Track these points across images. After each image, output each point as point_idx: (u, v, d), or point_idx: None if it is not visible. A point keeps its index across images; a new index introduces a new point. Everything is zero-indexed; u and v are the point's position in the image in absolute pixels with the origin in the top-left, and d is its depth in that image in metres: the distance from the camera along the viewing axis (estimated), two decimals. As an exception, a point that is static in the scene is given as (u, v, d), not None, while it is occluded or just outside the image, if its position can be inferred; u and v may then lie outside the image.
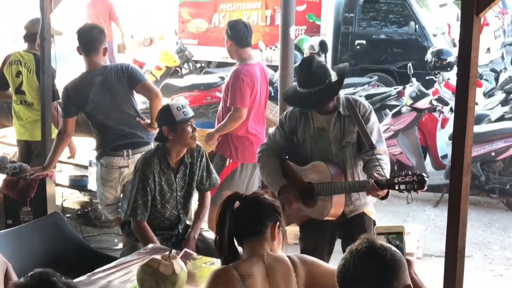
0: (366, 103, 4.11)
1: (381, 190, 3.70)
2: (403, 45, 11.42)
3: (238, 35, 5.26)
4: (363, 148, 3.97)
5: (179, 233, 4.34)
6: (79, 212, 6.60)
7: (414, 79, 7.55)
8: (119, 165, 4.98)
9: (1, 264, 3.20)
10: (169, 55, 12.45)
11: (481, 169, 6.82)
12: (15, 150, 6.60)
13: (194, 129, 4.16)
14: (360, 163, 4.02)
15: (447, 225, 3.07)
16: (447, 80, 7.50)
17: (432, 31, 11.25)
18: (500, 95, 8.28)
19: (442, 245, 3.26)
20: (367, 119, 3.97)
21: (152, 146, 5.00)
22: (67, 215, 6.19)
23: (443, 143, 7.49)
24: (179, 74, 12.48)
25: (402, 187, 3.65)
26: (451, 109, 7.26)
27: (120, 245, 5.46)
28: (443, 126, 7.54)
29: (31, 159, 5.91)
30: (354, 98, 4.09)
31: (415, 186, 3.63)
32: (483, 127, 7.11)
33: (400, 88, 8.81)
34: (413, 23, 11.22)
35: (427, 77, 8.19)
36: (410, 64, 7.80)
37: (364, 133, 3.90)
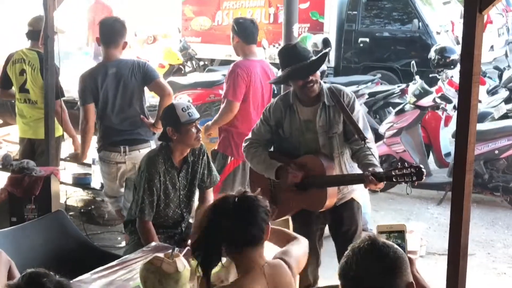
0: (349, 92, 4.11)
1: (379, 183, 3.70)
2: (406, 42, 11.40)
3: (246, 32, 5.29)
4: (349, 137, 3.99)
5: (182, 231, 4.35)
6: (82, 210, 6.62)
7: (417, 77, 7.54)
8: (116, 161, 5.04)
9: (5, 262, 3.21)
10: (172, 53, 12.46)
11: (485, 167, 6.81)
12: (18, 148, 6.60)
13: (198, 130, 4.16)
14: (346, 151, 4.04)
15: (450, 222, 3.06)
16: (450, 77, 7.49)
17: (436, 28, 11.23)
18: (503, 93, 8.26)
19: (446, 243, 3.26)
20: (352, 108, 3.98)
21: (151, 144, 5.06)
22: (70, 213, 6.20)
23: (447, 141, 7.49)
24: (183, 72, 12.50)
25: (400, 179, 3.65)
26: (454, 107, 7.25)
27: (123, 243, 5.47)
28: (446, 124, 7.53)
29: (34, 157, 5.91)
30: (337, 87, 4.08)
31: (413, 178, 3.63)
32: (486, 125, 7.10)
33: (404, 86, 8.80)
34: (416, 20, 11.21)
35: (430, 75, 8.17)
36: (414, 62, 7.78)
37: (353, 123, 3.91)
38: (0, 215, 5.77)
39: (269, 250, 2.74)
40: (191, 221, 4.47)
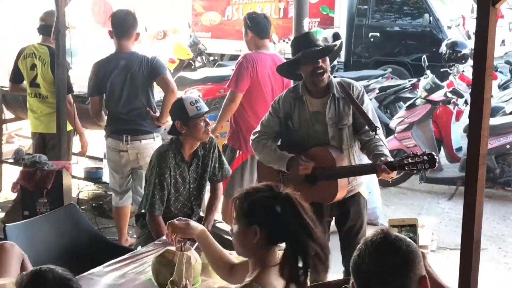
0: (358, 85, 4.10)
1: (392, 172, 3.69)
2: (417, 37, 11.37)
3: (259, 27, 5.30)
4: (358, 129, 3.98)
5: (193, 225, 4.34)
6: (94, 204, 6.64)
7: (428, 72, 7.51)
8: (119, 149, 5.19)
9: (18, 255, 3.23)
10: (182, 48, 12.47)
11: (496, 161, 6.79)
12: (31, 142, 6.63)
13: (207, 124, 4.15)
14: (355, 144, 4.03)
15: (463, 215, 3.06)
16: (461, 72, 7.47)
17: (447, 23, 11.19)
18: (515, 88, 8.24)
19: (457, 238, 3.26)
20: (362, 100, 3.98)
21: (154, 136, 5.15)
22: (82, 207, 6.23)
23: (458, 136, 7.46)
24: (193, 67, 12.51)
25: (413, 167, 3.64)
26: (465, 102, 7.23)
27: (135, 237, 5.49)
28: (457, 119, 7.50)
29: (45, 151, 5.94)
30: (345, 80, 4.07)
31: (426, 165, 3.61)
32: (498, 120, 7.07)
33: (415, 80, 8.78)
34: (427, 15, 11.17)
35: (441, 70, 8.15)
36: (425, 56, 7.77)
37: (363, 114, 3.90)
38: (13, 208, 5.83)
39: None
40: (202, 214, 4.48)
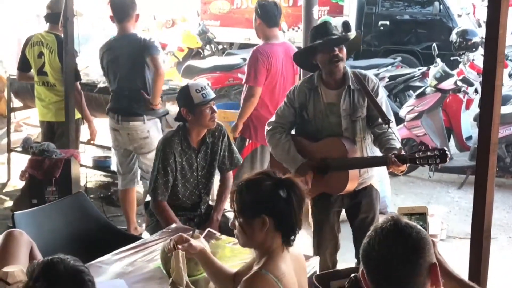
0: (374, 77, 4.09)
1: (402, 165, 3.67)
2: (427, 25, 11.31)
3: (268, 14, 5.27)
4: (372, 122, 3.97)
5: (202, 213, 4.34)
6: (101, 195, 6.64)
7: (438, 60, 7.47)
8: (113, 127, 5.37)
9: (26, 243, 3.22)
10: (191, 37, 12.45)
11: (506, 150, 6.76)
12: (39, 131, 6.64)
13: (213, 111, 4.12)
14: (368, 137, 4.02)
15: (474, 203, 3.04)
16: (472, 60, 7.42)
17: (457, 11, 11.12)
18: (525, 76, 8.17)
19: (466, 227, 3.23)
20: (376, 93, 3.97)
21: (144, 119, 5.24)
22: (90, 196, 6.23)
23: (468, 125, 7.42)
24: (201, 55, 12.50)
25: (424, 161, 3.62)
26: (475, 90, 7.19)
27: (143, 226, 5.49)
28: (467, 107, 7.46)
29: (54, 140, 5.94)
30: (361, 72, 4.06)
31: (437, 160, 3.59)
32: (508, 108, 7.02)
33: (424, 69, 8.75)
34: (437, 3, 11.11)
35: (451, 58, 8.12)
36: (435, 44, 7.71)
37: (377, 107, 3.89)
38: (21, 197, 5.84)
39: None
40: (211, 203, 4.47)
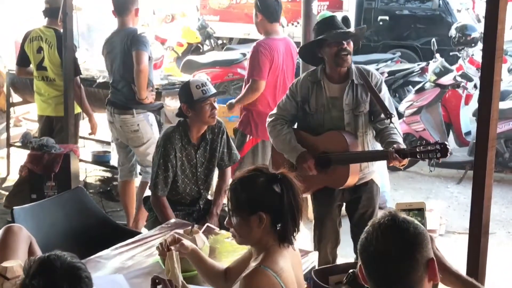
0: (377, 73, 4.10)
1: (403, 160, 3.68)
2: (426, 20, 11.30)
3: (269, 10, 5.26)
4: (374, 117, 3.98)
5: (201, 208, 4.35)
6: (101, 190, 6.65)
7: (438, 55, 7.47)
8: (108, 120, 5.44)
9: (25, 238, 3.23)
10: (191, 32, 12.44)
11: (505, 146, 6.76)
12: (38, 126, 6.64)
13: (213, 108, 4.12)
14: (370, 132, 4.03)
15: (472, 198, 3.04)
16: (471, 56, 7.42)
17: (456, 6, 11.11)
18: (525, 72, 8.18)
19: (465, 222, 3.24)
20: (379, 88, 3.97)
21: (134, 113, 5.27)
22: (89, 191, 6.23)
23: (467, 120, 7.43)
24: (201, 50, 12.47)
25: (425, 156, 3.63)
26: (475, 86, 7.18)
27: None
28: (467, 103, 7.46)
29: (53, 135, 5.95)
30: (365, 68, 4.07)
31: (438, 155, 3.59)
32: (507, 104, 7.02)
33: (424, 64, 8.74)
34: (436, -2, 11.09)
35: (451, 53, 8.11)
36: (434, 40, 7.71)
37: (380, 102, 3.89)
38: (21, 192, 5.84)
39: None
40: (209, 198, 4.47)
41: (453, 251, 4.88)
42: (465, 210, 5.95)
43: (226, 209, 4.33)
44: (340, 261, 4.20)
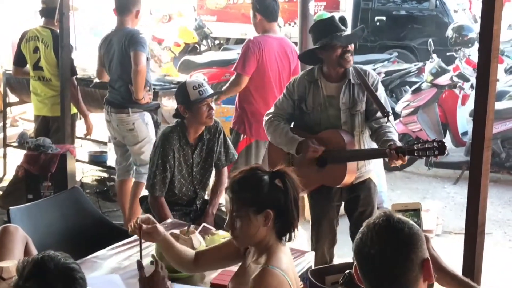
0: (374, 73, 4.12)
1: (404, 157, 3.68)
2: (423, 21, 11.31)
3: (268, 9, 5.26)
4: (370, 116, 3.99)
5: (197, 208, 4.35)
6: (97, 190, 6.64)
7: (434, 55, 7.48)
8: (105, 118, 5.45)
9: (22, 238, 3.22)
10: (187, 32, 12.43)
11: (502, 146, 6.77)
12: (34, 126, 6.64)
13: (210, 108, 4.12)
14: (366, 131, 4.04)
15: (468, 199, 3.04)
16: (468, 56, 7.43)
17: (453, 7, 11.12)
18: (521, 72, 8.19)
19: (462, 222, 3.24)
20: (376, 88, 3.99)
21: (129, 112, 5.26)
22: (86, 191, 6.23)
23: (464, 120, 7.43)
24: (198, 50, 12.46)
25: (423, 153, 3.63)
26: (471, 86, 7.19)
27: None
28: (463, 103, 7.47)
29: (49, 135, 5.94)
30: (361, 68, 4.08)
31: (435, 152, 3.59)
32: (504, 104, 7.04)
33: (420, 64, 8.74)
34: (433, -2, 11.10)
35: (447, 53, 8.11)
36: (431, 40, 7.72)
37: (377, 101, 3.90)
38: (17, 192, 5.83)
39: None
40: (206, 197, 4.47)
41: (449, 251, 4.87)
42: (462, 210, 5.95)
43: (223, 209, 4.36)
44: (337, 260, 4.20)
